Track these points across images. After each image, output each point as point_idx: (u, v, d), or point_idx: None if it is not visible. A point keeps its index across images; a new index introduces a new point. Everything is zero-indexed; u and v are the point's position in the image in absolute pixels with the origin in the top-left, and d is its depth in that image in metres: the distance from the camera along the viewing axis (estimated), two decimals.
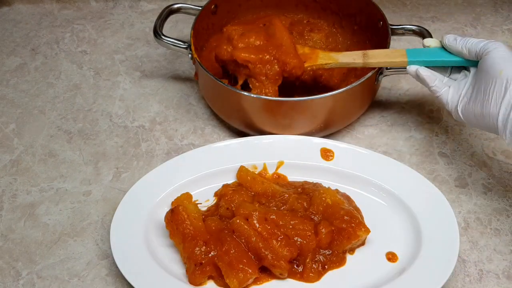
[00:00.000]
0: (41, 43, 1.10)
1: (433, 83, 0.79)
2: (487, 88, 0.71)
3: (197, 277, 0.71)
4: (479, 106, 0.73)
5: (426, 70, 0.80)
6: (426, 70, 0.80)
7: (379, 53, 0.84)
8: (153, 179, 0.81)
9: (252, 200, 0.79)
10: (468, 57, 0.77)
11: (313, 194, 0.78)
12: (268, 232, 0.72)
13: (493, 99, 0.71)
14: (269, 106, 0.83)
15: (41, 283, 0.76)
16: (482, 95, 0.72)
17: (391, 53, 0.83)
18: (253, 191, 0.80)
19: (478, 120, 0.73)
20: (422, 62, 0.81)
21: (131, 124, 0.95)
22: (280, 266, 0.71)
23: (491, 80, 0.71)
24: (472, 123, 0.75)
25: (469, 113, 0.75)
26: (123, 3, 1.17)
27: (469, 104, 0.74)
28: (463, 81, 0.78)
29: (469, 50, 0.76)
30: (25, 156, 0.91)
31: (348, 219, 0.74)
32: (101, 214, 0.83)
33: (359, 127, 0.93)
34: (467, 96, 0.75)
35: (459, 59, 0.78)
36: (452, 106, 0.77)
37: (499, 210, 0.82)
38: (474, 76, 0.76)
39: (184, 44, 0.91)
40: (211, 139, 0.92)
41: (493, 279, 0.75)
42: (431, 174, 0.86)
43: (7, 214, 0.83)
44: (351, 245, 0.75)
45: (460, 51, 0.77)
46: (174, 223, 0.74)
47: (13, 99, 1.00)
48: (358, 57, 0.84)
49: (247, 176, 0.82)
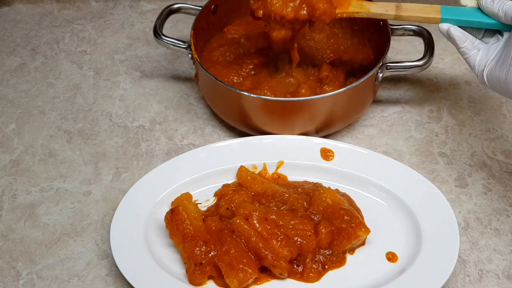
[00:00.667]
0: (41, 43, 1.10)
1: (463, 44, 0.77)
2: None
3: (197, 277, 0.71)
4: (504, 71, 0.70)
5: (458, 30, 0.77)
6: (458, 30, 0.77)
7: (413, 7, 0.82)
8: (153, 179, 0.81)
9: (252, 200, 0.79)
10: (504, 21, 0.74)
11: (313, 194, 0.78)
12: (268, 232, 0.72)
13: None
14: (269, 106, 0.83)
15: (41, 283, 0.76)
16: (510, 61, 0.70)
17: (425, 8, 0.81)
18: (253, 191, 0.80)
19: (502, 86, 0.71)
20: (456, 21, 0.78)
21: (131, 124, 0.95)
22: (280, 266, 0.71)
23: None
24: (496, 88, 0.73)
25: (493, 78, 0.72)
26: (123, 3, 1.17)
27: (495, 69, 0.72)
28: (494, 45, 0.75)
29: (505, 13, 0.73)
30: (25, 156, 0.91)
31: (348, 219, 0.74)
32: (101, 214, 0.83)
33: (359, 127, 0.93)
34: (495, 60, 0.73)
35: (494, 21, 0.76)
36: (478, 70, 0.75)
37: (499, 210, 0.82)
38: (507, 41, 0.73)
39: (184, 44, 0.91)
40: (211, 139, 0.92)
41: (493, 279, 0.75)
42: (431, 174, 0.86)
43: (7, 214, 0.83)
44: (351, 245, 0.75)
45: (496, 13, 0.74)
46: (174, 223, 0.74)
47: (13, 99, 1.00)
48: (391, 9, 0.82)
49: (247, 176, 0.82)
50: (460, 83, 0.99)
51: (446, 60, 1.03)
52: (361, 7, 0.83)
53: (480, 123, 0.93)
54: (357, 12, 0.83)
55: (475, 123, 0.93)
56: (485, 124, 0.92)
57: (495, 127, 0.92)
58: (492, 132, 0.91)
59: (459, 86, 0.99)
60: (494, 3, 0.75)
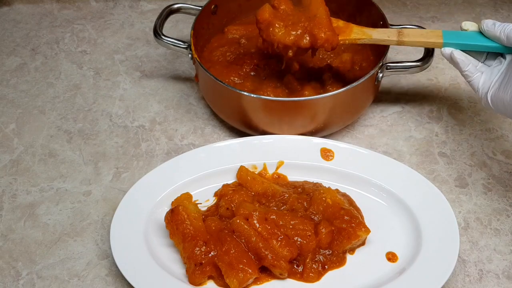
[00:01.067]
0: (41, 43, 1.10)
1: (466, 68, 0.77)
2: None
3: (197, 277, 0.71)
4: (509, 93, 0.71)
5: (461, 54, 0.78)
6: (461, 53, 0.78)
7: (415, 32, 0.83)
8: (153, 179, 0.81)
9: (252, 200, 0.79)
10: (506, 44, 0.75)
11: (313, 194, 0.78)
12: (268, 232, 0.72)
13: None
14: (269, 106, 0.83)
15: (41, 283, 0.76)
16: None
17: (427, 34, 0.82)
18: (253, 191, 0.80)
19: (506, 108, 0.72)
20: (458, 45, 0.79)
21: (131, 124, 0.95)
22: (280, 266, 0.71)
23: None
24: (500, 110, 0.74)
25: (498, 100, 0.73)
26: (123, 3, 1.17)
27: (499, 91, 0.73)
28: (497, 68, 0.76)
29: (507, 36, 0.74)
30: (25, 156, 0.91)
31: (348, 219, 0.74)
32: (101, 214, 0.83)
33: (359, 127, 0.93)
34: (499, 82, 0.73)
35: (496, 45, 0.76)
36: (482, 92, 0.76)
37: (499, 210, 0.82)
38: (510, 63, 0.74)
39: (184, 44, 0.91)
40: (211, 139, 0.92)
41: (493, 279, 0.75)
42: (431, 174, 0.86)
43: (7, 214, 0.83)
44: (351, 245, 0.75)
45: (498, 37, 0.75)
46: (174, 223, 0.74)
47: (13, 99, 1.00)
48: (393, 35, 0.83)
49: (247, 176, 0.82)
50: (460, 83, 0.99)
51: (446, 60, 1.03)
52: (363, 33, 0.84)
53: (480, 123, 0.93)
54: (360, 38, 0.84)
55: (475, 123, 0.93)
56: (485, 124, 0.92)
57: (495, 127, 0.92)
58: (492, 132, 0.91)
59: (459, 86, 0.99)
60: (495, 26, 0.75)
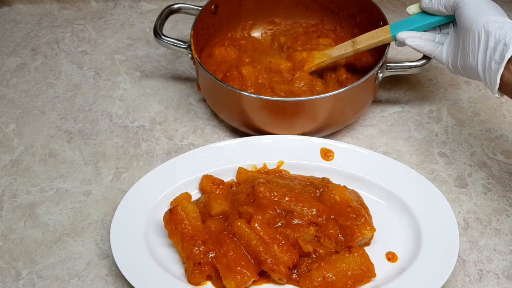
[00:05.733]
0: (41, 43, 1.10)
1: (425, 49, 0.80)
2: (464, 42, 0.72)
3: (196, 276, 0.71)
4: (461, 59, 0.73)
5: (413, 39, 0.80)
6: (413, 39, 0.80)
7: (366, 37, 0.86)
8: (153, 179, 0.81)
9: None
10: (447, 13, 0.77)
11: (323, 190, 0.78)
12: (270, 237, 0.72)
13: (470, 52, 0.71)
14: (269, 106, 0.83)
15: (41, 283, 0.76)
16: (461, 49, 0.73)
17: (376, 33, 0.85)
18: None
19: (465, 73, 0.75)
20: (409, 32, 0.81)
21: (131, 124, 0.95)
22: (279, 271, 0.70)
23: (466, 34, 0.72)
24: (464, 75, 0.76)
25: (456, 68, 0.76)
26: (123, 3, 1.17)
27: (454, 58, 0.75)
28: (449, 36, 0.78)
29: (444, 7, 0.76)
30: (25, 156, 0.91)
31: (353, 217, 0.74)
32: (101, 214, 0.83)
33: (359, 127, 0.93)
34: (452, 51, 0.76)
35: (440, 18, 0.79)
36: (446, 62, 0.78)
37: (499, 210, 0.82)
38: (455, 31, 0.76)
39: (184, 44, 0.91)
40: (211, 139, 0.92)
41: (493, 279, 0.75)
42: (431, 174, 0.86)
43: (7, 214, 0.83)
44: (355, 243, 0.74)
45: (438, 10, 0.77)
46: (172, 223, 0.74)
47: (13, 99, 1.00)
48: (348, 47, 0.87)
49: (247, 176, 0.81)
50: (460, 83, 0.99)
51: None
52: (324, 55, 0.90)
53: (480, 123, 0.93)
54: (323, 61, 0.90)
55: (475, 123, 0.93)
56: (485, 124, 0.92)
57: (495, 127, 0.92)
58: (492, 132, 0.91)
59: (459, 86, 0.99)
60: (432, 2, 0.78)
